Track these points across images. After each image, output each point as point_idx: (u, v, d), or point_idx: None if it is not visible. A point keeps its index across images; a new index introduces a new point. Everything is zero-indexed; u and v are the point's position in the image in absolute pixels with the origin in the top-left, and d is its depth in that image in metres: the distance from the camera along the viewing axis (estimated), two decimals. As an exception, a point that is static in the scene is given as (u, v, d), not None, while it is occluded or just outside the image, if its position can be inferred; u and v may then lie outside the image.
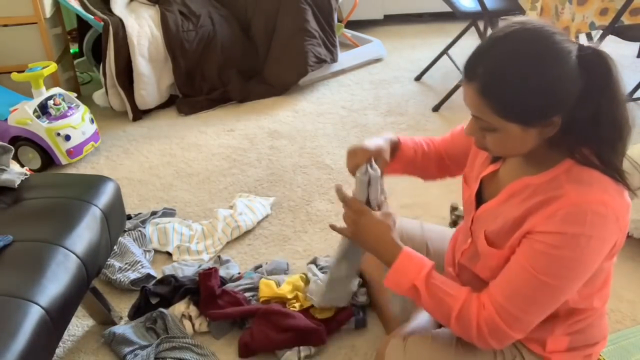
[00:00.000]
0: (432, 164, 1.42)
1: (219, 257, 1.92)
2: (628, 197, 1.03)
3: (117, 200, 1.54)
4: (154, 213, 2.13)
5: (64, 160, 2.44)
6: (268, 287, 1.68)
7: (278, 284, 1.70)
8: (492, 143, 1.05)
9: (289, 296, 1.66)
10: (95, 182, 1.53)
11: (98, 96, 2.93)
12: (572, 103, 0.97)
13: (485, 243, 1.13)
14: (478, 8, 2.83)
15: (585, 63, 0.95)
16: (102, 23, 2.77)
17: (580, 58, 0.95)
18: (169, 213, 2.16)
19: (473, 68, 0.99)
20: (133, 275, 1.79)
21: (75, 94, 2.56)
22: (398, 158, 1.38)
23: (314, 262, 1.82)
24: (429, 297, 1.12)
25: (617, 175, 1.01)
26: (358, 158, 1.26)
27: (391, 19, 4.24)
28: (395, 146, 1.37)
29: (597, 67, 0.96)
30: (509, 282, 1.06)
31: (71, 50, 3.23)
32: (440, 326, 1.43)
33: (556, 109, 0.97)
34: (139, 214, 2.13)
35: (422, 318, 1.46)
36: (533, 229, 1.03)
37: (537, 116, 0.98)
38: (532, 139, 1.01)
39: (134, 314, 1.67)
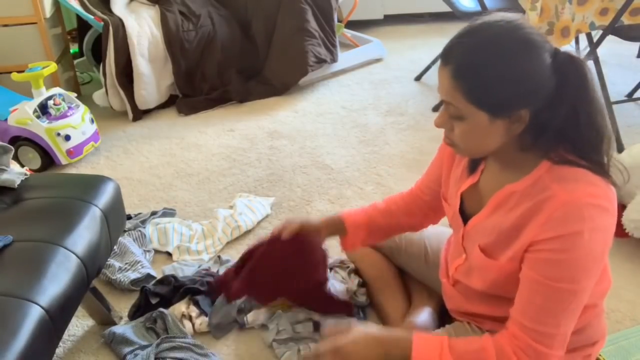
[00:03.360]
0: (401, 218, 1.44)
1: (219, 257, 1.92)
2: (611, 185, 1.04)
3: (117, 200, 1.54)
4: (154, 213, 2.13)
5: (64, 160, 2.44)
6: (268, 287, 1.67)
7: (278, 284, 1.70)
8: (459, 135, 1.05)
9: (289, 296, 1.65)
10: (95, 182, 1.53)
11: (98, 96, 2.93)
12: (542, 101, 0.98)
13: (482, 256, 1.13)
14: (478, 8, 2.83)
15: (559, 65, 0.98)
16: (102, 23, 2.78)
17: (555, 59, 0.98)
18: (169, 213, 2.16)
19: (449, 52, 1.02)
20: (133, 275, 1.79)
21: (75, 94, 2.56)
22: (352, 229, 1.40)
23: (313, 262, 1.82)
24: None
25: (597, 168, 1.02)
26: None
27: (391, 19, 4.24)
28: (339, 222, 1.41)
29: (571, 70, 0.98)
30: (529, 303, 1.03)
31: (71, 50, 3.23)
32: (440, 326, 1.43)
33: (524, 102, 0.98)
34: (139, 214, 2.13)
35: (421, 318, 1.47)
36: (534, 240, 1.02)
37: (505, 106, 0.99)
38: (499, 133, 1.02)
39: (134, 314, 1.67)
